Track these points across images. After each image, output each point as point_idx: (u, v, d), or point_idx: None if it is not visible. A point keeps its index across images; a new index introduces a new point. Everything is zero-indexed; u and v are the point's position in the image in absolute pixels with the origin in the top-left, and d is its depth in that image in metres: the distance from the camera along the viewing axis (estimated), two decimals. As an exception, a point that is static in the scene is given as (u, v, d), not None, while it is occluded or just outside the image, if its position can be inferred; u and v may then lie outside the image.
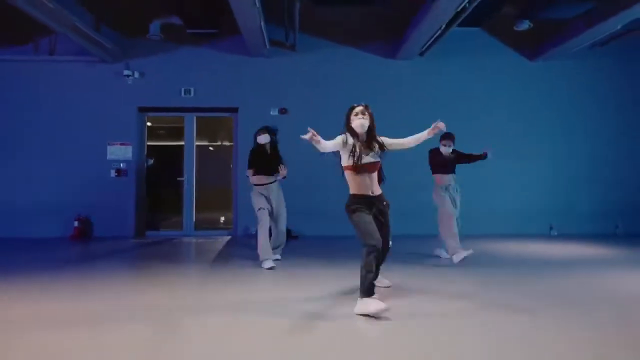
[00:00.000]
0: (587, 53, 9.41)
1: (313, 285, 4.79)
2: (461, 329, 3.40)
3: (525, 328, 3.42)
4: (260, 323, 3.53)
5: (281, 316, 3.68)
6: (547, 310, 3.88)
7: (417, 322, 3.55)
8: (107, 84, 9.19)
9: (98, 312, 3.83)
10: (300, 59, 9.39)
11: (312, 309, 3.91)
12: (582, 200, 9.49)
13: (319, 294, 4.41)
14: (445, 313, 3.78)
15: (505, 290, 4.60)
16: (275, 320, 3.58)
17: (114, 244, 8.06)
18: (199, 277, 5.40)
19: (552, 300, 4.20)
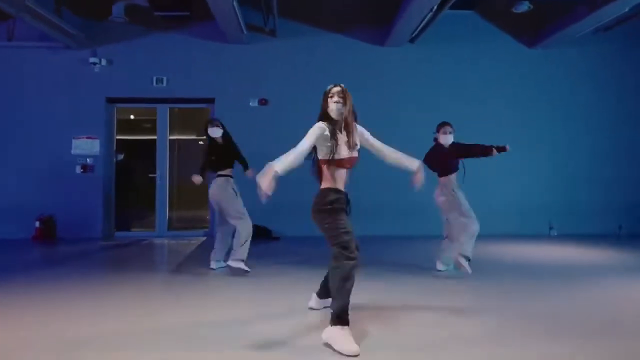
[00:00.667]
0: (589, 39, 8.75)
1: (281, 300, 4.14)
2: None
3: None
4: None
5: (229, 346, 3.03)
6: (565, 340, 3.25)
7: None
8: (71, 72, 8.48)
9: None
10: (281, 46, 8.71)
11: (273, 335, 3.25)
12: (583, 198, 8.86)
13: (284, 312, 3.76)
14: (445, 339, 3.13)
15: (510, 310, 3.95)
16: (217, 355, 2.93)
17: (77, 246, 7.38)
18: (148, 291, 4.73)
19: (566, 327, 3.56)
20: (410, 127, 8.61)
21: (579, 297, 4.28)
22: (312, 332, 3.26)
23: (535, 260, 6.24)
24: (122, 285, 4.79)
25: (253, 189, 3.19)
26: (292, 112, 8.58)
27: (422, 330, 3.34)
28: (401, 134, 8.55)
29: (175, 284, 4.92)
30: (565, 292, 4.47)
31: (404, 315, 3.70)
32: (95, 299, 4.25)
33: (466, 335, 3.21)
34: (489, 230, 8.51)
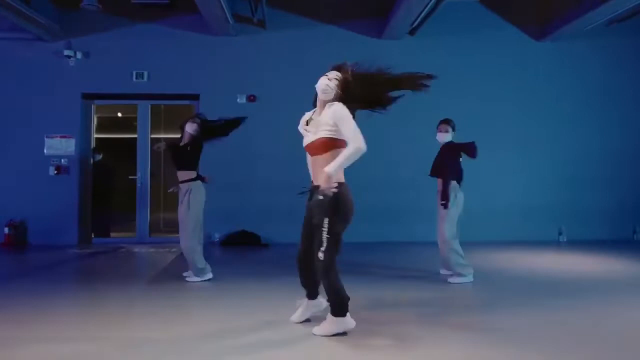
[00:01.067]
0: (602, 32, 8.15)
1: (265, 309, 3.54)
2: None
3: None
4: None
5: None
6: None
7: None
8: (44, 66, 7.87)
9: None
10: (270, 38, 8.11)
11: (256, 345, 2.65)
12: (594, 201, 8.28)
13: (267, 322, 3.16)
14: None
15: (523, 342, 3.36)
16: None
17: (49, 254, 6.78)
18: (122, 305, 4.13)
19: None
20: (409, 125, 8.05)
21: (596, 314, 3.72)
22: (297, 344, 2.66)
23: (545, 270, 5.66)
24: (93, 299, 4.19)
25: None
26: (282, 109, 7.93)
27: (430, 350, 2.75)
28: (399, 133, 8.03)
29: (152, 296, 4.32)
30: (581, 309, 3.90)
31: (412, 331, 3.11)
32: (64, 314, 3.66)
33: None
34: (494, 236, 7.99)
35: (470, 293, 4.65)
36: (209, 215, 7.94)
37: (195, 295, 4.58)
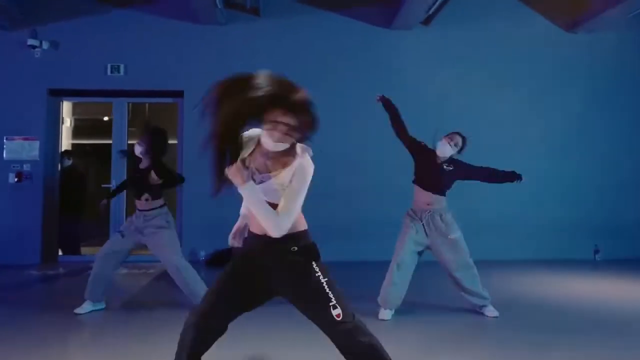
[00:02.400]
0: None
1: None
2: None
3: None
4: None
5: None
6: None
7: None
8: (5, 58, 6.86)
9: None
10: (265, 27, 7.12)
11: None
12: (634, 212, 7.27)
13: None
14: None
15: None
16: None
17: (4, 276, 5.71)
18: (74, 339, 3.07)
19: None
20: (422, 124, 7.04)
21: None
22: None
23: (580, 299, 4.65)
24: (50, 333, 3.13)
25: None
26: (279, 108, 6.99)
27: None
28: (411, 129, 7.04)
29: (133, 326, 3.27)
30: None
31: None
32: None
33: None
34: (510, 254, 6.97)
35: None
36: (195, 230, 6.98)
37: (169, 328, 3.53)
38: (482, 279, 4.14)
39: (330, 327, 2.11)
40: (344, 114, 6.88)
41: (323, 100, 7.08)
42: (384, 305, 4.06)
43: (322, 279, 2.15)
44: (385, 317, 4.01)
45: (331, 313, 2.10)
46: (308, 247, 2.19)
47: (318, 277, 2.16)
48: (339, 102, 6.86)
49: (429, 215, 4.10)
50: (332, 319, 2.10)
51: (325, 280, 2.15)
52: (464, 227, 4.24)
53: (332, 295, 2.13)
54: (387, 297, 4.06)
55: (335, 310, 2.11)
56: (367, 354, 2.10)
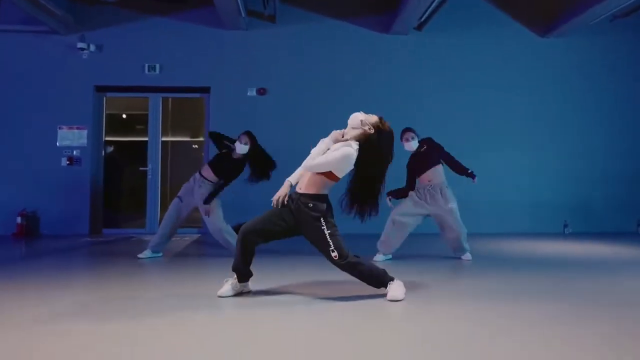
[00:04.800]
0: (606, 27, 8.33)
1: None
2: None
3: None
4: None
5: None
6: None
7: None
8: (58, 59, 7.97)
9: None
10: (280, 32, 8.25)
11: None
12: (598, 194, 8.40)
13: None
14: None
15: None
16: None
17: (60, 242, 6.82)
18: (140, 284, 4.20)
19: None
20: (416, 119, 8.16)
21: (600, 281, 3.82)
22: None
23: (553, 252, 5.77)
24: (105, 278, 4.27)
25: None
26: (293, 102, 8.13)
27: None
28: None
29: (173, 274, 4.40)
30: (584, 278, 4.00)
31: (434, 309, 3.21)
32: (73, 293, 3.73)
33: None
34: (499, 228, 8.09)
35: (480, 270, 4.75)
36: (222, 206, 8.08)
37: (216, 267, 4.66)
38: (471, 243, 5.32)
39: (332, 262, 3.33)
40: (348, 111, 7.98)
41: (329, 98, 8.28)
42: (380, 251, 5.24)
43: (326, 230, 3.31)
44: (378, 259, 5.14)
45: (331, 254, 3.28)
46: (319, 207, 3.31)
47: (323, 229, 3.29)
48: (346, 100, 7.91)
49: (431, 190, 5.18)
50: (332, 258, 3.32)
51: (328, 232, 3.31)
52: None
53: (331, 242, 3.30)
54: (380, 245, 5.23)
55: (334, 253, 3.27)
56: (364, 276, 3.36)
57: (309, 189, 3.33)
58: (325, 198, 3.35)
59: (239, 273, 3.43)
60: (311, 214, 3.29)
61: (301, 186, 3.38)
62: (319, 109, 7.98)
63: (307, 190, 3.33)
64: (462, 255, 5.32)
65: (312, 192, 3.32)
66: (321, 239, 3.29)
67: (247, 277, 3.49)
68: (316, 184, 3.32)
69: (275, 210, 3.39)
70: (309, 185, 3.33)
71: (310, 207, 3.29)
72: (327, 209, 3.33)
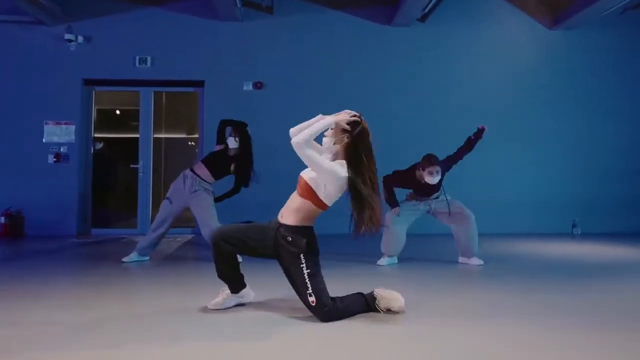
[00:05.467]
0: (616, 20, 8.00)
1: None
2: None
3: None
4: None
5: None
6: None
7: None
8: (44, 51, 7.59)
9: None
10: (278, 24, 7.89)
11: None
12: (608, 193, 8.07)
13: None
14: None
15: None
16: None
17: (45, 243, 6.47)
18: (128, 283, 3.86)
19: None
20: (419, 114, 7.86)
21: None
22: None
23: (561, 255, 5.45)
24: (94, 276, 3.91)
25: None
26: (290, 96, 7.78)
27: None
28: (408, 122, 7.82)
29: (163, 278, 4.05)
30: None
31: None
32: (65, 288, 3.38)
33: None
34: (503, 228, 7.77)
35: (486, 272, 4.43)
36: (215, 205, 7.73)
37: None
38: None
39: (308, 308, 2.82)
40: (348, 106, 7.64)
41: (328, 93, 7.94)
42: (386, 254, 4.90)
43: (305, 270, 2.79)
44: (383, 263, 4.83)
45: (308, 298, 2.78)
46: (299, 242, 2.83)
47: (302, 267, 2.80)
48: (346, 95, 7.58)
49: (432, 201, 4.91)
50: (308, 303, 2.79)
51: (307, 272, 2.79)
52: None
53: (309, 284, 2.77)
54: (386, 247, 4.88)
55: (311, 298, 2.76)
56: (348, 314, 2.86)
57: (289, 219, 2.88)
58: (307, 231, 2.89)
59: (228, 283, 3.06)
60: (290, 250, 2.84)
61: (282, 213, 2.94)
62: (318, 103, 7.52)
63: (287, 220, 2.89)
64: (471, 258, 4.95)
65: (293, 224, 2.86)
66: (298, 278, 2.83)
67: (240, 288, 3.10)
68: (300, 213, 2.87)
69: (260, 225, 2.98)
70: (290, 214, 2.89)
71: (289, 242, 2.85)
72: (309, 245, 2.87)
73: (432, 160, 4.67)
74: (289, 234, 2.85)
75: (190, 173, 4.99)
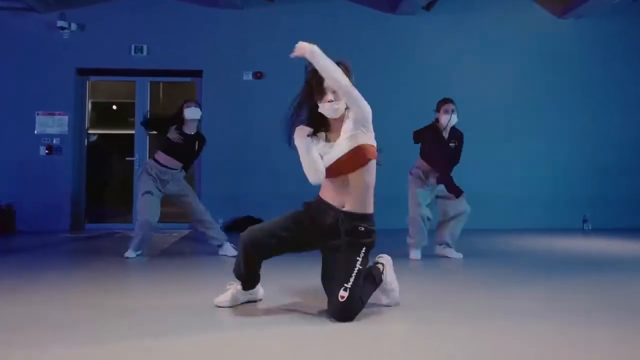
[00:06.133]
0: (630, 8, 7.75)
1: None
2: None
3: None
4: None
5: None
6: None
7: None
8: (36, 39, 7.32)
9: None
10: (279, 11, 7.63)
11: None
12: (620, 188, 7.82)
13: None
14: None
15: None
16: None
17: (38, 239, 6.20)
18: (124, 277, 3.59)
19: None
20: (424, 103, 7.56)
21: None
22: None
23: (571, 250, 5.20)
24: (89, 270, 3.65)
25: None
26: (291, 86, 7.27)
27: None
28: (412, 113, 7.53)
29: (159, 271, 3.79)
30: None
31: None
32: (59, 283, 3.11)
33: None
34: (514, 223, 7.53)
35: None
36: (214, 200, 7.48)
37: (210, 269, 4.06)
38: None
39: (333, 301, 2.44)
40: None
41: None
42: (416, 246, 4.61)
43: (359, 265, 2.47)
44: (417, 256, 4.57)
45: (339, 292, 2.40)
46: (372, 234, 2.57)
47: (357, 260, 2.48)
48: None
49: (435, 181, 4.64)
50: (336, 297, 2.41)
51: (359, 267, 2.47)
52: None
53: (352, 280, 2.42)
54: (416, 240, 4.62)
55: (344, 293, 2.39)
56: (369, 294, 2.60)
57: (356, 205, 2.56)
58: (374, 220, 2.63)
59: (242, 280, 2.73)
60: (358, 241, 2.52)
61: (340, 201, 2.58)
62: (320, 94, 7.38)
63: (354, 206, 2.56)
64: (447, 249, 4.70)
65: (363, 212, 2.59)
66: (345, 270, 2.47)
67: (255, 283, 2.78)
68: (366, 191, 2.58)
69: (289, 220, 2.63)
70: (355, 199, 2.57)
71: (362, 232, 2.53)
72: (374, 236, 2.61)
73: (446, 99, 4.64)
74: (361, 223, 2.55)
75: (157, 164, 4.75)
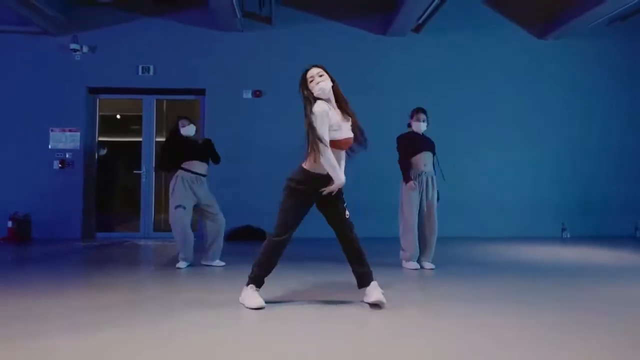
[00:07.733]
0: (604, 30, 8.29)
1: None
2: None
3: None
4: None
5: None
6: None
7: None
8: (50, 60, 7.83)
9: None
10: (277, 34, 8.14)
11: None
12: (598, 197, 8.34)
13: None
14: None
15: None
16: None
17: (52, 247, 6.69)
18: (136, 289, 4.09)
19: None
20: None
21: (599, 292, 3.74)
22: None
23: (550, 259, 5.70)
24: (103, 278, 4.15)
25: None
26: (288, 104, 7.92)
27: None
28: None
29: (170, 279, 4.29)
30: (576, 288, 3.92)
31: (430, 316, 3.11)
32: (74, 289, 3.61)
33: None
34: (496, 232, 8.02)
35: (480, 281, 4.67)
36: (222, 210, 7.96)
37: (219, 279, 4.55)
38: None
39: (341, 219, 3.36)
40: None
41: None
42: (411, 258, 4.97)
43: (343, 197, 3.43)
44: (415, 266, 4.93)
45: (346, 212, 3.39)
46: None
47: (342, 196, 3.42)
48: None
49: (424, 177, 5.00)
50: (344, 214, 3.38)
51: (344, 199, 3.44)
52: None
53: (345, 204, 3.42)
54: (413, 251, 4.98)
55: (347, 211, 3.41)
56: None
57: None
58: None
59: (264, 276, 3.36)
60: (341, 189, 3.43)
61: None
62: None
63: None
64: (427, 263, 5.02)
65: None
66: (341, 204, 3.40)
67: (263, 282, 3.41)
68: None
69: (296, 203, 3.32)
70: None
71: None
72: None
73: (418, 109, 5.20)
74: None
75: (190, 174, 5.43)
